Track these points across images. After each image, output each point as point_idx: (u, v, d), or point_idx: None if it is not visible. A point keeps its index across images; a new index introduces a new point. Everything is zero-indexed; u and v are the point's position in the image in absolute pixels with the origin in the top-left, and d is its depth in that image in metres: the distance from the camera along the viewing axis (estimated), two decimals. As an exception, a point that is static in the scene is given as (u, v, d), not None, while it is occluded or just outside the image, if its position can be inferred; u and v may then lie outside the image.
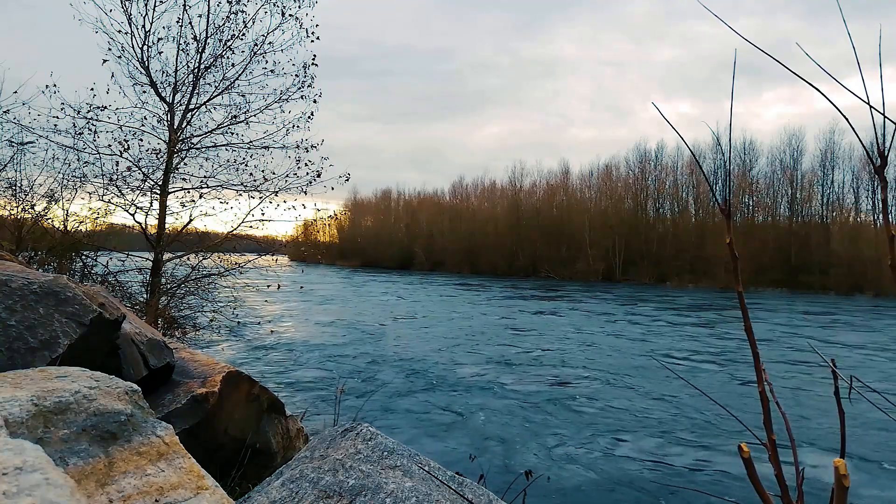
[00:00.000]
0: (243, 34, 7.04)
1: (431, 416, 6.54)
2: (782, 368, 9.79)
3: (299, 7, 7.13)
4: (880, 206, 0.69)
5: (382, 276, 41.44)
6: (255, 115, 7.27)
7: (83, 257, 6.91)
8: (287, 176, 7.25)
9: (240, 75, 7.13)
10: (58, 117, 6.40)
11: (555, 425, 6.27)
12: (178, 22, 6.74)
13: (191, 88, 6.99)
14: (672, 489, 4.57)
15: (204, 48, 6.89)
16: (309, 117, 7.32)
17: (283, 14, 7.06)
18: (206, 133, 7.22)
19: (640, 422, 6.46)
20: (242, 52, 7.10)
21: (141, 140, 6.86)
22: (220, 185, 7.30)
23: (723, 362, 10.35)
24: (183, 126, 7.02)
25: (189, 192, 7.20)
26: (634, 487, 4.65)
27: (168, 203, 6.96)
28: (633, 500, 4.44)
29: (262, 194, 7.27)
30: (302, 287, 15.64)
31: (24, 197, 6.90)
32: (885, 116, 0.66)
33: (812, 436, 6.02)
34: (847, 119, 0.71)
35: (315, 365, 9.24)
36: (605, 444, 5.66)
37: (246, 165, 7.29)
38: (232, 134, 7.27)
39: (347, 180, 7.40)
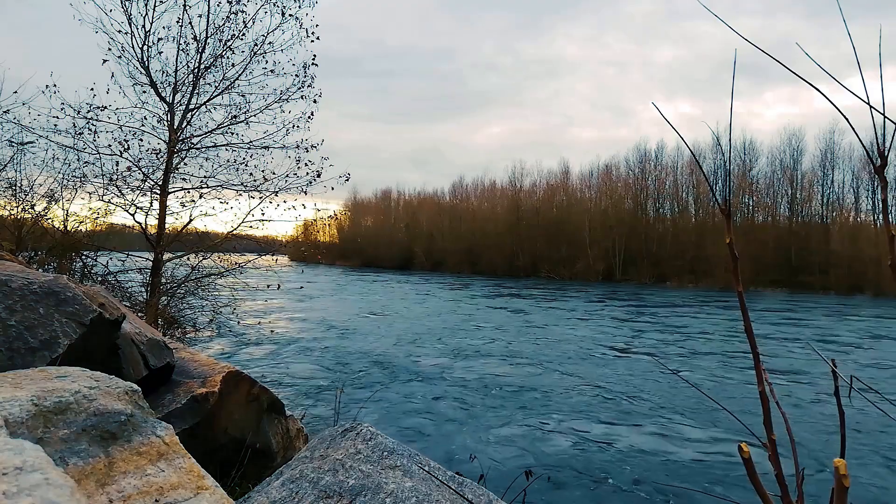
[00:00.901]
0: (243, 34, 7.05)
1: (431, 415, 6.54)
2: (782, 368, 9.78)
3: (299, 7, 7.13)
4: (880, 206, 0.69)
5: (382, 276, 41.44)
6: (255, 115, 7.27)
7: (83, 257, 6.90)
8: (287, 176, 7.25)
9: (240, 75, 7.13)
10: (58, 117, 6.40)
11: (555, 425, 6.27)
12: (178, 22, 6.75)
13: (191, 88, 6.98)
14: (672, 489, 4.57)
15: (204, 48, 6.89)
16: (309, 117, 7.33)
17: (283, 14, 7.06)
18: (206, 133, 7.22)
19: (640, 421, 6.46)
20: (242, 52, 7.11)
21: (141, 140, 6.86)
22: (220, 185, 7.30)
23: (722, 362, 10.35)
24: (183, 126, 7.02)
25: (189, 192, 7.20)
26: (634, 487, 4.65)
27: (168, 203, 6.96)
28: (633, 499, 4.44)
29: (262, 194, 7.27)
30: (302, 287, 15.65)
31: (24, 197, 6.91)
32: (885, 116, 0.66)
33: (812, 436, 6.02)
34: (847, 119, 0.71)
35: (315, 365, 9.24)
36: (605, 445, 5.66)
37: (246, 165, 7.29)
38: (232, 134, 7.27)
39: (347, 180, 7.41)
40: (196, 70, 6.92)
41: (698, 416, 6.70)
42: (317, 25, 7.21)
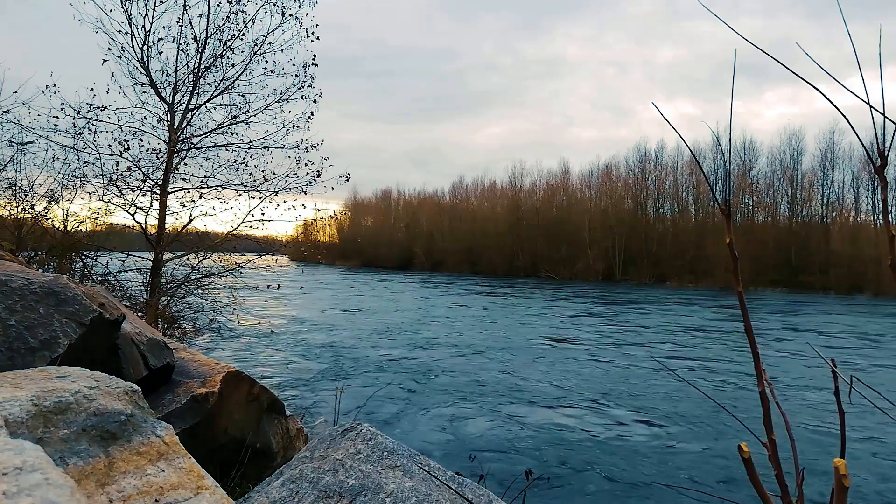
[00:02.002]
0: (243, 34, 7.05)
1: (431, 415, 6.54)
2: (782, 368, 9.79)
3: (299, 7, 7.14)
4: (880, 206, 0.69)
5: (382, 276, 41.44)
6: (255, 115, 7.27)
7: (83, 257, 6.90)
8: (287, 176, 7.25)
9: (240, 75, 7.14)
10: (58, 117, 6.40)
11: (556, 426, 6.27)
12: (178, 22, 6.75)
13: (191, 88, 6.99)
14: (672, 489, 4.57)
15: (204, 48, 6.89)
16: (309, 117, 7.33)
17: (283, 14, 7.06)
18: (206, 133, 7.22)
19: (640, 421, 6.46)
20: (242, 52, 7.11)
21: (141, 140, 6.86)
22: (220, 185, 7.30)
23: (722, 363, 10.35)
24: (183, 126, 7.02)
25: (189, 192, 7.20)
26: (635, 487, 4.65)
27: (168, 203, 6.96)
28: (633, 499, 4.44)
29: (262, 194, 7.28)
30: (302, 287, 15.64)
31: (24, 197, 6.91)
32: (885, 116, 0.66)
33: (812, 436, 6.02)
34: (847, 119, 0.71)
35: (315, 365, 9.24)
36: (606, 445, 5.66)
37: (246, 165, 7.29)
38: (232, 134, 7.27)
39: (347, 180, 7.41)
40: (196, 70, 6.92)
41: (698, 416, 6.70)
42: (317, 25, 7.22)
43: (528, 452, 5.39)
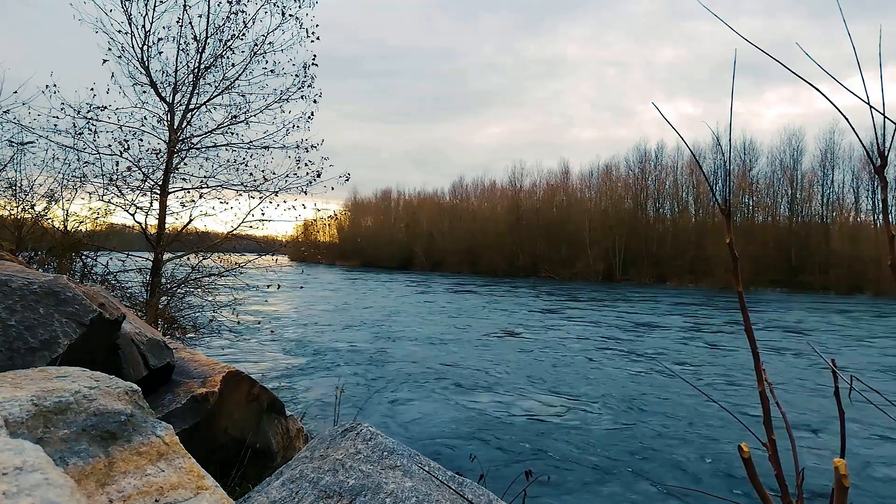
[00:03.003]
0: (243, 34, 7.04)
1: (431, 415, 6.54)
2: (783, 368, 9.78)
3: (299, 7, 7.13)
4: (880, 206, 0.69)
5: (382, 276, 41.44)
6: (255, 115, 7.26)
7: (83, 257, 6.90)
8: (287, 176, 7.25)
9: (240, 75, 7.13)
10: (58, 117, 6.40)
11: (555, 426, 6.27)
12: (178, 22, 6.74)
13: (191, 88, 6.98)
14: (672, 489, 4.57)
15: (204, 48, 6.89)
16: (309, 117, 7.32)
17: (283, 14, 7.05)
18: (206, 133, 7.22)
19: (639, 421, 6.46)
20: (242, 52, 7.10)
21: (141, 140, 6.86)
22: (220, 185, 7.30)
23: (722, 362, 10.35)
24: (183, 126, 7.02)
25: (189, 192, 7.20)
26: (635, 487, 4.65)
27: (168, 203, 6.95)
28: (634, 499, 4.44)
29: (262, 194, 7.27)
30: (302, 287, 15.65)
31: (24, 197, 6.90)
32: (885, 116, 0.66)
33: (812, 436, 6.02)
34: (847, 119, 0.71)
35: (315, 365, 9.24)
36: (605, 445, 5.66)
37: (246, 165, 7.29)
38: (232, 134, 7.26)
39: (347, 180, 7.40)
40: (196, 70, 6.91)
41: (698, 416, 6.70)
42: (317, 25, 7.21)
43: (528, 452, 5.39)
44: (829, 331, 16.06)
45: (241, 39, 7.05)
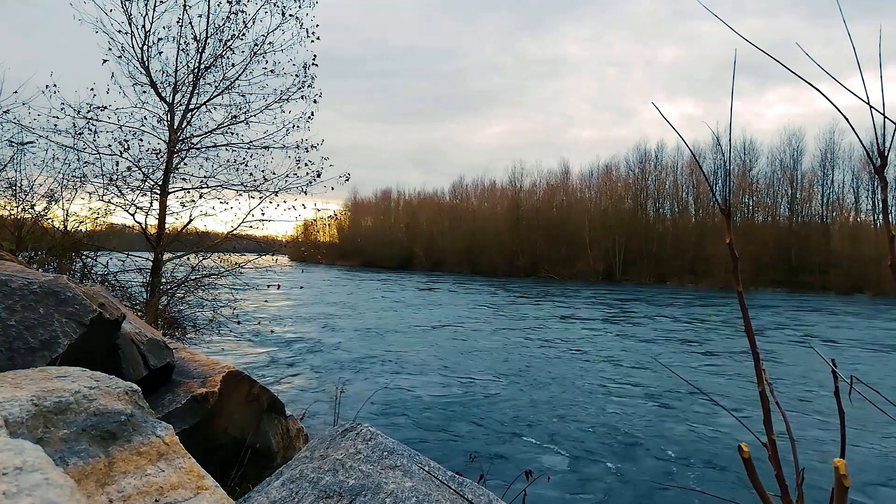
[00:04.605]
0: (243, 34, 7.04)
1: (431, 415, 6.54)
2: (783, 368, 9.78)
3: (300, 7, 7.13)
4: (880, 206, 0.69)
5: (382, 276, 41.44)
6: (255, 115, 7.26)
7: (83, 257, 6.90)
8: (287, 176, 7.25)
9: (240, 75, 7.13)
10: (58, 117, 6.39)
11: (555, 426, 6.27)
12: (178, 22, 6.74)
13: (191, 88, 6.98)
14: (673, 489, 4.57)
15: (204, 48, 6.88)
16: (309, 117, 7.32)
17: (283, 14, 7.05)
18: (206, 133, 7.22)
19: (639, 421, 6.46)
20: (242, 52, 7.10)
21: (141, 140, 6.86)
22: (220, 185, 7.30)
23: (722, 362, 10.35)
24: (183, 126, 7.02)
25: (189, 192, 7.20)
26: (635, 487, 4.65)
27: (168, 203, 6.95)
28: (634, 499, 4.44)
29: (262, 194, 7.27)
30: (302, 287, 15.65)
31: (24, 197, 6.90)
32: (885, 116, 0.66)
33: (812, 436, 6.02)
34: (847, 119, 0.71)
35: (315, 365, 9.24)
36: (605, 445, 5.66)
37: (246, 165, 7.29)
38: (232, 134, 7.26)
39: (347, 180, 7.40)
40: (196, 70, 6.91)
41: (698, 415, 6.70)
42: (317, 25, 7.21)
43: (528, 452, 5.39)
44: (829, 331, 16.06)
45: (241, 39, 7.05)
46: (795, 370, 9.67)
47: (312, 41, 7.22)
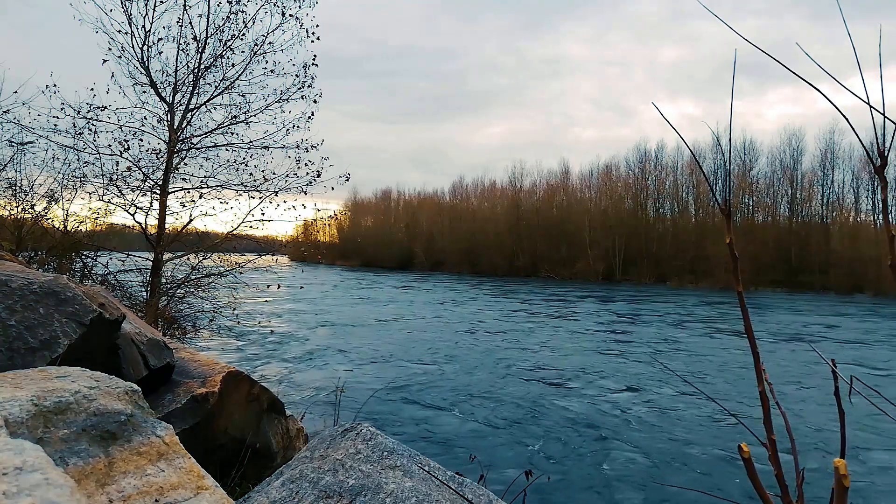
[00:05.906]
0: (243, 34, 7.05)
1: (431, 415, 6.54)
2: (783, 368, 9.78)
3: (300, 7, 7.13)
4: (880, 206, 0.69)
5: (382, 276, 41.44)
6: (255, 115, 7.27)
7: (83, 257, 6.90)
8: (287, 176, 7.25)
9: (240, 75, 7.14)
10: (58, 117, 6.40)
11: (555, 426, 6.27)
12: (178, 22, 6.75)
13: (191, 88, 6.98)
14: (673, 489, 4.57)
15: (204, 48, 6.89)
16: (309, 117, 7.33)
17: (283, 14, 7.06)
18: (206, 133, 7.22)
19: (639, 421, 6.46)
20: (242, 52, 7.11)
21: (141, 140, 6.86)
22: (220, 185, 7.30)
23: (722, 362, 10.35)
24: (183, 126, 7.02)
25: (189, 192, 7.20)
26: (635, 487, 4.65)
27: (168, 203, 6.95)
28: (633, 499, 4.43)
29: (262, 194, 7.28)
30: (302, 287, 15.65)
31: (24, 197, 6.90)
32: (885, 116, 0.66)
33: (812, 436, 6.02)
34: (847, 119, 0.71)
35: (315, 365, 9.24)
36: (604, 447, 5.66)
37: (246, 165, 7.29)
38: (232, 134, 7.27)
39: (347, 180, 7.41)
40: (196, 70, 6.92)
41: (698, 415, 6.69)
42: (317, 25, 7.21)
43: (528, 452, 5.39)
44: (829, 331, 16.06)
45: (241, 39, 7.06)
46: (795, 370, 9.67)
47: (312, 41, 7.23)
